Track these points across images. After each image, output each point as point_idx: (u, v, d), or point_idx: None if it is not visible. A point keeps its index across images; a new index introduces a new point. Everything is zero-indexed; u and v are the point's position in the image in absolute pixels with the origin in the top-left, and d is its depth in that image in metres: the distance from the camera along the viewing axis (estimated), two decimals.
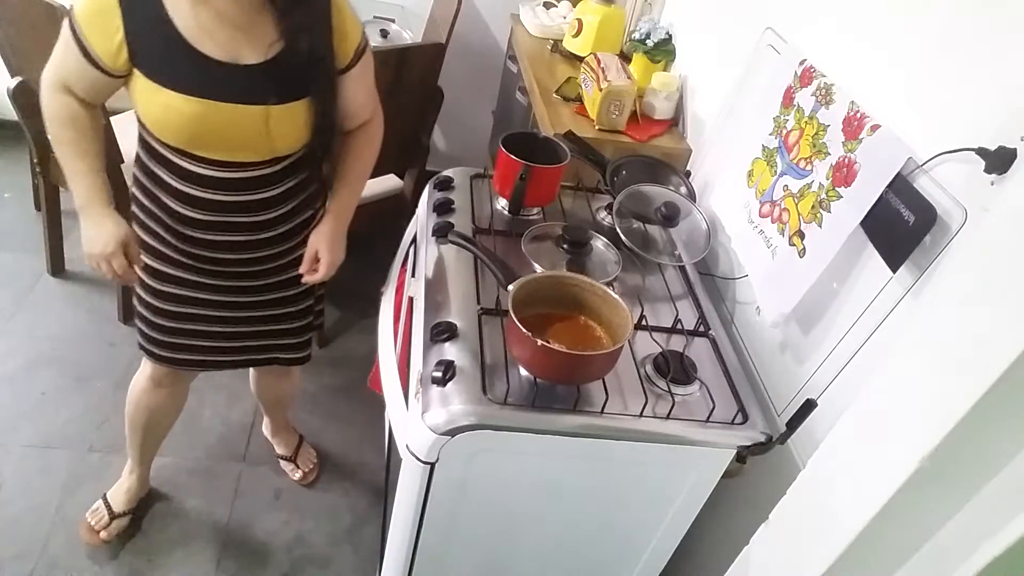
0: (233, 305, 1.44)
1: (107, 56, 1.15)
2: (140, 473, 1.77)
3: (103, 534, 1.72)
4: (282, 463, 1.97)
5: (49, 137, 1.25)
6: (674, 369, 1.24)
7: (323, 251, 1.37)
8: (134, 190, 1.36)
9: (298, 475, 1.95)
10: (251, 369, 1.77)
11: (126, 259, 1.28)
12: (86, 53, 1.15)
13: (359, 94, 1.33)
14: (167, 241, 1.34)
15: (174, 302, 1.40)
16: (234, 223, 1.31)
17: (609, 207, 1.64)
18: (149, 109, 1.19)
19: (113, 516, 1.74)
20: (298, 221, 1.39)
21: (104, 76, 1.17)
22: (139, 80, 1.17)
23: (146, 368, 1.56)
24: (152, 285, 1.39)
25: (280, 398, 1.88)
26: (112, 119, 1.86)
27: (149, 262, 1.37)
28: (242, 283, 1.41)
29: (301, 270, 1.39)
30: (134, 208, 1.37)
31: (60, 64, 1.19)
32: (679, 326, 1.36)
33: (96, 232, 1.26)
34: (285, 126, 1.23)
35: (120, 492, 1.76)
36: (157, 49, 1.15)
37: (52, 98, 1.22)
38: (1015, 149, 0.92)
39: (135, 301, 1.45)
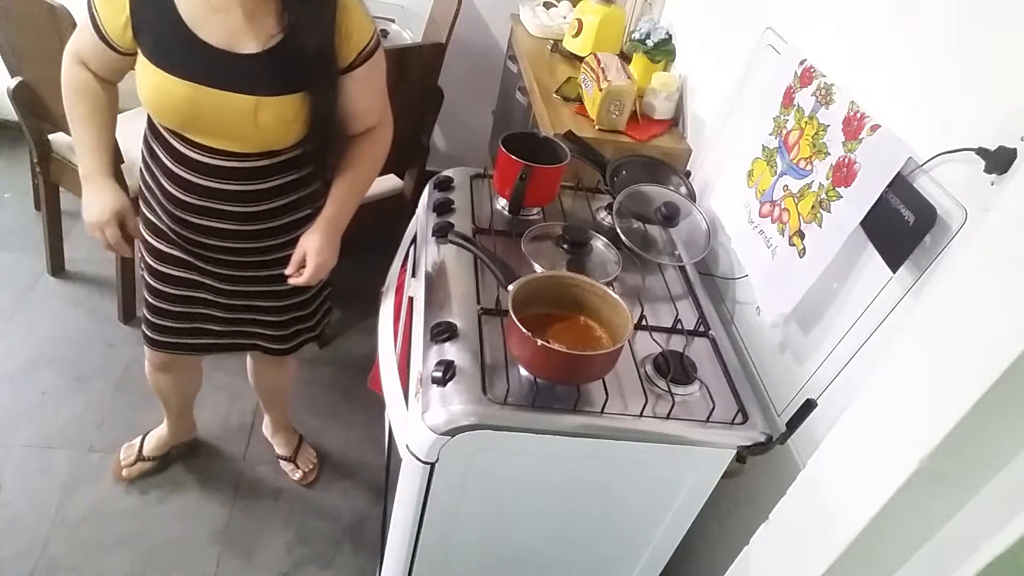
0: (222, 292, 1.44)
1: (115, 33, 1.19)
2: (170, 426, 1.87)
3: (125, 472, 1.85)
4: (282, 463, 1.97)
5: (64, 108, 1.29)
6: (674, 369, 1.24)
7: (310, 254, 1.34)
8: (140, 167, 1.38)
9: (298, 475, 1.95)
10: (248, 358, 1.78)
11: (122, 230, 1.32)
12: (97, 29, 1.19)
13: (363, 97, 1.31)
14: (164, 220, 1.36)
15: (169, 283, 1.43)
16: (224, 211, 1.31)
17: (609, 207, 1.64)
18: (145, 88, 1.21)
19: (140, 457, 1.86)
20: (293, 218, 1.39)
21: (114, 53, 1.21)
22: (140, 58, 1.20)
23: (146, 353, 1.60)
24: (151, 264, 1.42)
25: (276, 389, 1.87)
26: None
27: (150, 240, 1.40)
28: (232, 271, 1.41)
29: (287, 272, 1.36)
30: (140, 185, 1.39)
31: (79, 38, 1.25)
32: (679, 326, 1.36)
33: (95, 200, 1.30)
34: (274, 119, 1.22)
35: (153, 437, 1.89)
36: (157, 29, 1.17)
37: (69, 70, 1.27)
38: (1015, 149, 0.92)
39: (142, 283, 1.48)
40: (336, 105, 1.27)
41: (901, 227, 1.08)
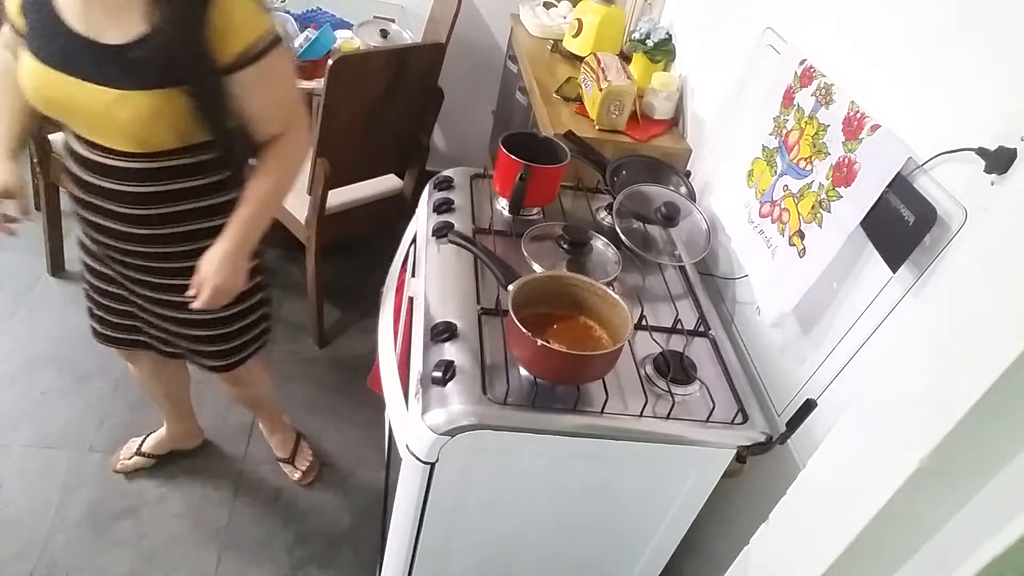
0: (136, 293, 1.40)
1: (11, 13, 1.19)
2: (168, 428, 1.90)
3: (120, 464, 1.89)
4: (281, 464, 1.97)
5: None
6: (674, 369, 1.24)
7: (208, 274, 1.23)
8: None
9: (297, 475, 1.95)
10: None
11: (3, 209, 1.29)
12: (4, 14, 1.20)
13: (254, 101, 1.20)
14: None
15: (95, 277, 1.44)
16: (111, 211, 1.26)
17: (609, 207, 1.64)
18: (21, 71, 1.19)
19: (139, 452, 1.89)
20: (198, 227, 1.30)
21: (19, 37, 1.20)
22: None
23: None
24: (80, 256, 1.43)
25: (248, 397, 1.79)
26: None
27: (79, 233, 1.39)
28: (138, 275, 1.36)
29: (189, 293, 1.25)
30: None
31: (4, 25, 1.26)
32: (679, 326, 1.36)
33: None
34: (131, 115, 1.14)
35: (155, 436, 1.92)
36: (33, 12, 1.16)
37: None
38: (1015, 149, 0.92)
39: None
40: (220, 108, 1.18)
41: (901, 227, 1.08)
